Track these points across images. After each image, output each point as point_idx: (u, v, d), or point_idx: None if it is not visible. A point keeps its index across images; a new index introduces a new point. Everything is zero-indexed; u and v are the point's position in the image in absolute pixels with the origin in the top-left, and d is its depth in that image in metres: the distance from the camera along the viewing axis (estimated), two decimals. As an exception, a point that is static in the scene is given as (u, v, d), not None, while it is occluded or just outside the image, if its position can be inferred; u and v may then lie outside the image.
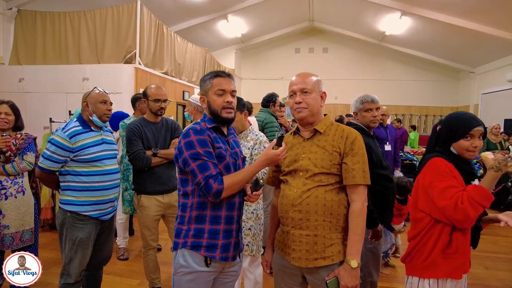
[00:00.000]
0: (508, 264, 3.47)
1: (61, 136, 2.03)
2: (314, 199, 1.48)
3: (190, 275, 1.48)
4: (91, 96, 2.18)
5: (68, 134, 2.04)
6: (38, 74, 5.66)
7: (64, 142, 2.02)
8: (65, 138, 2.03)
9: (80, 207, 2.09)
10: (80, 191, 2.08)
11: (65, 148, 2.02)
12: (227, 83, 1.56)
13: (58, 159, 2.03)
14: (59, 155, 2.02)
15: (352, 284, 1.41)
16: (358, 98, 2.33)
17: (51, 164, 2.03)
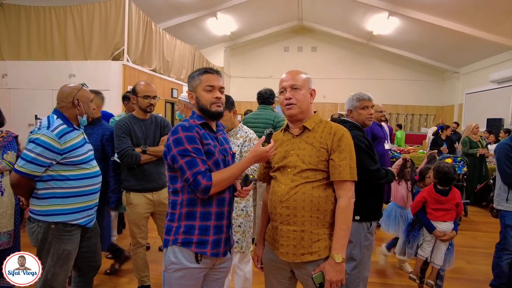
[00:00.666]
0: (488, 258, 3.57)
1: (48, 135, 1.77)
2: (301, 195, 1.50)
3: (180, 271, 1.49)
4: (83, 95, 1.97)
5: (57, 133, 1.80)
6: (22, 70, 5.54)
7: (53, 143, 1.77)
8: (54, 138, 1.78)
9: (68, 216, 1.88)
10: (68, 197, 1.87)
11: (53, 149, 1.77)
12: (216, 79, 1.57)
13: (43, 162, 1.76)
14: (46, 158, 1.76)
15: (337, 278, 1.44)
16: (354, 96, 2.30)
17: (35, 168, 1.76)
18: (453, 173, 2.68)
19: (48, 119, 1.87)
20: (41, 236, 1.86)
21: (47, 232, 1.86)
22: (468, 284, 3.14)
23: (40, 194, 1.85)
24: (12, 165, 2.58)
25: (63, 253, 1.89)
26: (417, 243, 2.79)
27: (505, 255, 2.84)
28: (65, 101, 1.92)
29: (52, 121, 1.86)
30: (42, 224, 1.86)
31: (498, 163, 2.91)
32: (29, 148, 1.75)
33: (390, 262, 3.56)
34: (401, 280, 3.20)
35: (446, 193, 2.68)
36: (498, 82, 8.81)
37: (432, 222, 2.69)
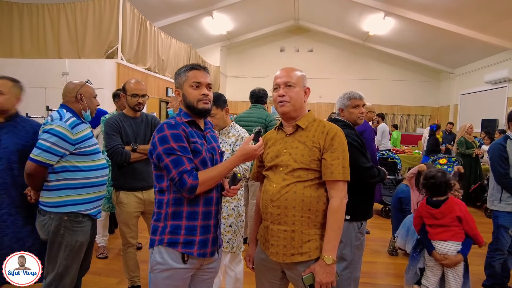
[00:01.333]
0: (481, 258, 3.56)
1: (62, 126, 1.86)
2: (292, 194, 1.48)
3: (166, 272, 1.46)
4: (86, 90, 2.05)
5: (70, 124, 1.90)
6: (15, 68, 5.45)
7: (67, 133, 1.86)
8: (67, 129, 1.87)
9: (80, 206, 1.94)
10: (80, 188, 1.94)
11: (67, 139, 1.87)
12: (203, 75, 1.54)
13: (58, 151, 1.85)
14: (60, 147, 1.86)
15: (327, 280, 1.42)
16: (345, 95, 2.30)
17: (50, 157, 1.84)
18: (440, 177, 2.27)
19: (59, 112, 1.96)
20: (53, 229, 1.89)
21: (60, 224, 1.90)
22: (461, 284, 3.13)
23: (52, 185, 1.91)
24: None
25: (75, 244, 1.94)
26: (416, 268, 2.39)
27: (498, 255, 2.84)
28: (69, 96, 2.01)
29: (63, 113, 1.95)
30: (54, 216, 1.89)
31: (491, 163, 2.90)
32: (44, 138, 1.83)
33: (382, 262, 3.55)
34: (393, 281, 3.19)
35: (438, 204, 2.26)
36: (493, 83, 8.85)
37: (432, 242, 2.26)
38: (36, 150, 1.83)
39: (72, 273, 1.97)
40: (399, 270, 3.40)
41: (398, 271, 3.38)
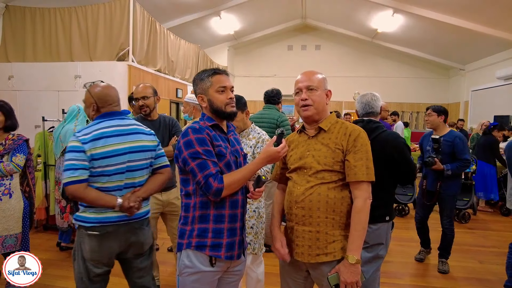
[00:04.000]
0: (500, 257, 3.54)
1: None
2: (317, 196, 1.49)
3: (195, 275, 1.47)
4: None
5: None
6: (28, 72, 5.55)
7: None
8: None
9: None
10: None
11: None
12: (227, 79, 1.57)
13: None
14: None
15: (352, 279, 1.43)
16: (377, 96, 2.28)
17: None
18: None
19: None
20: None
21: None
22: (480, 283, 3.10)
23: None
24: (20, 167, 2.58)
25: None
26: None
27: (519, 254, 2.79)
28: (119, 103, 1.90)
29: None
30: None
31: (509, 162, 2.87)
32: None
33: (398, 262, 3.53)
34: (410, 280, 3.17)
35: None
36: (504, 78, 8.72)
37: None
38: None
39: None
40: (415, 270, 3.38)
41: (414, 271, 3.37)
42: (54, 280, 2.98)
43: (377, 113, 2.26)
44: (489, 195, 5.40)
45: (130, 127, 1.80)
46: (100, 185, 1.69)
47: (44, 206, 4.04)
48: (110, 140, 1.70)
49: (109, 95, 1.82)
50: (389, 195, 2.09)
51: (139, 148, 1.78)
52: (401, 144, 2.09)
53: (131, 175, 1.75)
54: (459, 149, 3.18)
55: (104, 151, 1.67)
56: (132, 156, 1.75)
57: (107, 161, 1.68)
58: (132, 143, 1.76)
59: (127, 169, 1.73)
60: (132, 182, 1.77)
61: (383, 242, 2.06)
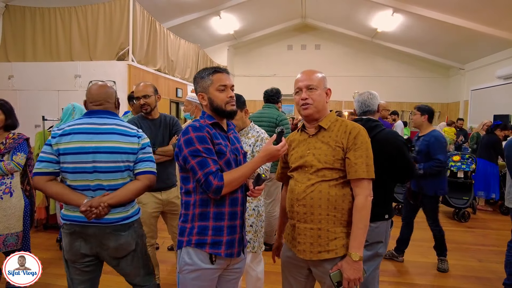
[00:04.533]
0: (499, 256, 3.54)
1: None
2: (318, 193, 1.50)
3: (195, 272, 1.48)
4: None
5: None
6: (28, 71, 5.56)
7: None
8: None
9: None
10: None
11: None
12: (227, 78, 1.57)
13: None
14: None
15: (355, 276, 1.44)
16: (375, 95, 2.29)
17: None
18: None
19: (126, 122, 1.88)
20: (139, 234, 1.83)
21: (140, 227, 1.87)
22: (479, 282, 3.11)
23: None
24: (20, 166, 2.58)
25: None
26: None
27: (518, 253, 2.80)
28: (111, 102, 1.84)
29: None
30: (137, 222, 1.83)
31: (508, 161, 2.87)
32: (150, 151, 1.85)
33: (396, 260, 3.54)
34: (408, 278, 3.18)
35: None
36: (504, 78, 8.74)
37: None
38: (154, 164, 1.87)
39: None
40: (414, 268, 3.39)
41: (414, 269, 3.37)
42: (55, 279, 2.98)
43: (374, 111, 2.27)
44: (490, 194, 5.41)
45: (105, 127, 1.72)
46: (69, 182, 1.68)
47: (44, 205, 4.04)
48: (76, 137, 1.66)
49: (96, 94, 1.79)
50: (388, 194, 2.10)
51: (108, 149, 1.68)
52: (400, 143, 2.10)
53: (99, 176, 1.67)
54: (433, 149, 3.18)
55: (67, 147, 1.65)
56: (98, 157, 1.66)
57: (71, 157, 1.65)
58: (100, 143, 1.68)
59: (94, 170, 1.66)
60: (101, 184, 1.68)
61: (383, 240, 2.06)
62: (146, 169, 1.76)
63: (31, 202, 2.77)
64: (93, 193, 1.68)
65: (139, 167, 1.75)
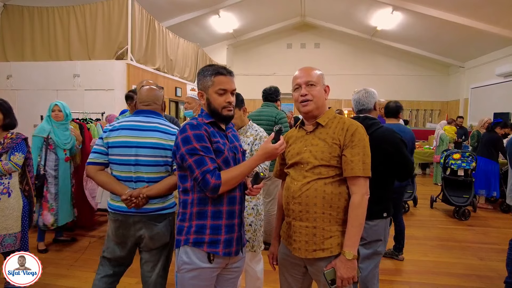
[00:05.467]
0: (500, 254, 3.54)
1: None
2: (313, 191, 1.49)
3: (193, 271, 1.47)
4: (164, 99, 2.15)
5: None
6: (27, 71, 5.54)
7: None
8: None
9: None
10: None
11: None
12: (228, 82, 1.54)
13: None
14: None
15: (348, 275, 1.43)
16: (374, 93, 2.28)
17: None
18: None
19: (168, 123, 2.00)
20: (172, 228, 1.92)
21: (173, 221, 1.93)
22: (480, 280, 3.10)
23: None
24: (18, 166, 2.57)
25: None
26: None
27: (520, 251, 2.78)
28: (158, 103, 2.02)
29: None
30: (172, 215, 1.96)
31: (510, 159, 2.86)
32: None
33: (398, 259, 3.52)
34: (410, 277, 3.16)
35: None
36: (504, 76, 8.70)
37: None
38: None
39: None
40: (414, 267, 3.38)
41: (414, 268, 3.36)
42: (54, 279, 2.97)
43: (369, 109, 2.24)
44: (491, 193, 5.40)
45: (149, 124, 1.89)
46: (115, 172, 1.88)
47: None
48: (123, 132, 1.86)
49: (145, 96, 1.99)
50: (386, 192, 2.08)
51: (149, 144, 1.84)
52: (397, 140, 2.08)
53: (140, 169, 1.83)
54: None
55: (115, 141, 1.85)
56: (140, 151, 1.83)
57: (117, 150, 1.84)
58: (142, 138, 1.85)
59: (136, 162, 1.83)
60: (141, 176, 1.84)
61: (381, 238, 2.06)
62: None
63: (30, 202, 2.75)
64: (134, 184, 1.84)
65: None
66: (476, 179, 5.28)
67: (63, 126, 3.57)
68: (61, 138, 3.52)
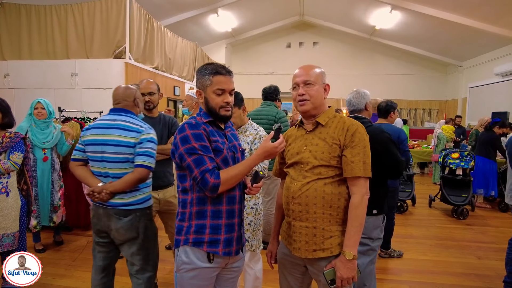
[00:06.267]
0: (499, 253, 3.55)
1: (154, 134, 2.03)
2: (313, 192, 1.48)
3: (193, 271, 1.46)
4: (139, 94, 2.17)
5: (153, 131, 2.06)
6: (24, 70, 5.50)
7: (156, 140, 2.04)
8: (155, 136, 2.04)
9: (151, 200, 2.13)
10: (150, 185, 2.11)
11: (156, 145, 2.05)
12: (227, 82, 1.52)
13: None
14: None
15: (348, 275, 1.42)
16: (366, 93, 2.34)
17: (154, 162, 1.99)
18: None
19: (136, 119, 2.05)
20: (142, 224, 1.99)
21: (146, 218, 2.03)
22: (479, 279, 3.10)
23: (139, 185, 2.01)
24: (17, 165, 2.56)
25: (157, 231, 2.13)
26: None
27: (519, 250, 2.79)
28: (128, 100, 2.07)
29: (136, 120, 2.05)
30: (140, 212, 2.00)
31: (510, 158, 2.86)
32: (151, 146, 1.97)
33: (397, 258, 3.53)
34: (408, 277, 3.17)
35: None
36: (502, 75, 8.73)
37: None
38: (149, 158, 1.94)
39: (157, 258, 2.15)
40: (413, 266, 3.38)
41: (412, 267, 3.36)
42: (52, 279, 2.96)
43: (360, 109, 2.29)
44: (489, 192, 5.42)
45: (112, 122, 1.97)
46: (91, 168, 2.02)
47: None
48: (93, 131, 1.97)
49: (115, 94, 2.08)
50: (377, 189, 2.04)
51: (111, 142, 1.92)
52: (386, 139, 2.08)
53: (106, 165, 1.94)
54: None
55: (86, 139, 1.98)
56: (105, 148, 1.92)
57: (88, 148, 1.97)
58: (106, 136, 1.94)
59: (102, 159, 1.94)
60: (108, 172, 1.95)
61: (372, 236, 2.07)
62: (139, 163, 1.91)
63: (28, 202, 2.75)
64: (104, 179, 1.96)
65: (135, 160, 1.92)
66: (475, 178, 5.29)
67: (44, 125, 3.48)
68: (39, 137, 3.42)
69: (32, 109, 3.45)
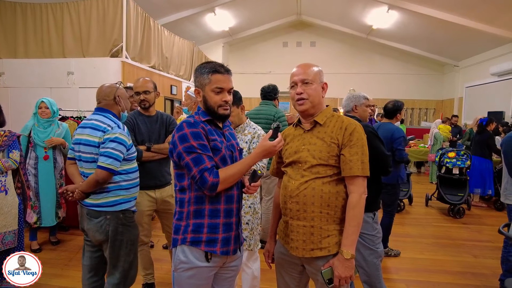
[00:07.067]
0: (495, 252, 3.57)
1: (123, 134, 1.96)
2: (311, 191, 1.48)
3: (190, 270, 1.45)
4: (122, 92, 2.12)
5: (126, 131, 2.01)
6: (19, 68, 5.45)
7: (127, 140, 1.98)
8: (126, 136, 1.98)
9: (129, 204, 2.05)
10: (129, 188, 2.04)
11: (126, 146, 1.98)
12: (226, 80, 1.51)
13: (121, 158, 1.96)
14: (123, 154, 1.96)
15: (346, 274, 1.42)
16: (360, 94, 2.47)
17: (118, 164, 1.93)
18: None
19: (110, 119, 2.01)
20: (112, 228, 1.95)
21: (117, 222, 1.97)
22: (475, 278, 3.12)
23: (109, 187, 1.96)
24: (17, 163, 2.60)
25: (135, 238, 2.07)
26: None
27: (514, 249, 2.81)
28: (107, 99, 2.05)
29: (115, 120, 2.03)
30: (111, 215, 1.96)
31: (505, 157, 2.87)
32: (113, 147, 1.91)
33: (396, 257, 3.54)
34: (406, 276, 3.18)
35: None
36: (498, 75, 8.78)
37: None
38: (108, 159, 1.89)
39: (135, 266, 2.10)
40: (410, 265, 3.40)
41: (410, 266, 3.38)
42: (48, 278, 2.94)
43: (348, 111, 2.51)
44: (486, 191, 5.45)
45: (88, 122, 2.00)
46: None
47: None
48: (77, 131, 2.02)
49: (97, 93, 2.08)
50: (368, 186, 2.07)
51: (83, 141, 1.95)
52: (368, 132, 2.09)
53: (82, 164, 1.98)
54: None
55: (73, 139, 2.04)
56: (81, 148, 1.97)
57: (74, 147, 2.03)
58: (81, 135, 1.97)
59: (79, 158, 1.99)
60: (83, 171, 1.99)
61: (364, 231, 2.10)
62: (98, 164, 1.90)
63: (23, 199, 2.76)
64: (84, 178, 1.99)
65: (98, 161, 1.91)
66: (472, 178, 5.32)
67: (47, 124, 3.49)
68: (41, 135, 3.43)
69: (37, 109, 3.47)
